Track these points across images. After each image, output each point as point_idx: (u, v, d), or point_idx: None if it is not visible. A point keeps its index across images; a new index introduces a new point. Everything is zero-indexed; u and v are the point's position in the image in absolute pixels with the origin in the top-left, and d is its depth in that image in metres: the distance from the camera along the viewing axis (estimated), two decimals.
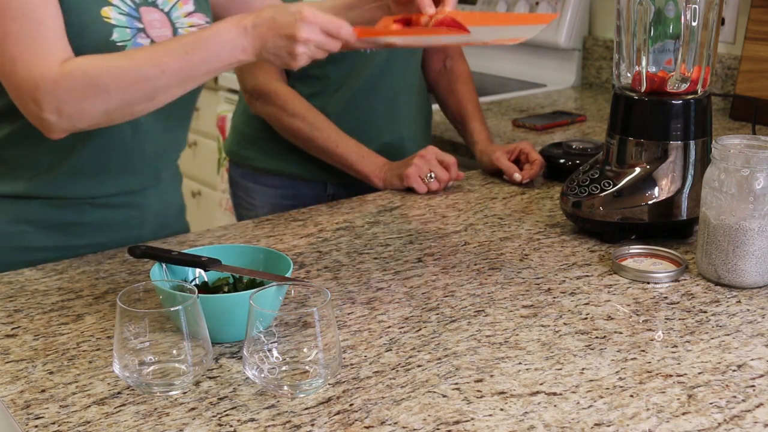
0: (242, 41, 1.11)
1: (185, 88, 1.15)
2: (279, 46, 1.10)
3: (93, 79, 1.10)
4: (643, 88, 1.31)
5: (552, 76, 2.61)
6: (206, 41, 1.11)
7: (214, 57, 1.11)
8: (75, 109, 1.11)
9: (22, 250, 1.30)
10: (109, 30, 1.19)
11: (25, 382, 0.96)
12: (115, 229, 1.34)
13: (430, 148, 1.60)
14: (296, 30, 1.09)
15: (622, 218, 1.30)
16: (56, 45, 1.13)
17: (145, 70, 1.11)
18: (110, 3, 1.21)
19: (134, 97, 1.12)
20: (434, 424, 0.87)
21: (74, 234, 1.32)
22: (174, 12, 1.29)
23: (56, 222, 1.30)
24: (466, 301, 1.15)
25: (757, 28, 2.11)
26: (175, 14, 1.29)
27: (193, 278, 1.10)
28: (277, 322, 0.91)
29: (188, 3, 1.31)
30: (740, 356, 0.99)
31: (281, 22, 1.09)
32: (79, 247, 1.32)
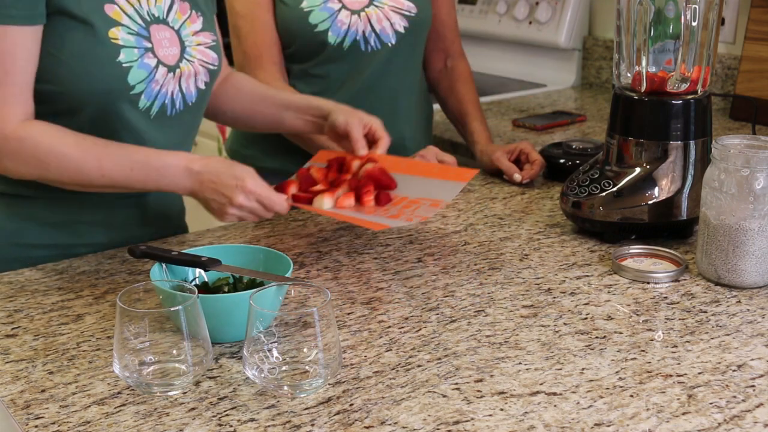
0: (184, 181, 1.19)
1: (119, 191, 1.24)
2: (213, 199, 1.19)
3: (39, 155, 1.17)
4: (643, 88, 1.31)
5: (552, 76, 2.61)
6: (152, 167, 1.19)
7: (153, 183, 1.20)
8: (13, 167, 1.19)
9: (22, 247, 1.30)
10: (116, 51, 1.20)
11: (25, 382, 0.96)
12: (114, 229, 1.35)
13: (430, 148, 1.60)
14: (233, 195, 1.18)
15: (622, 218, 1.30)
16: (17, 99, 1.17)
17: (88, 167, 1.18)
18: (120, 23, 1.22)
19: (69, 182, 1.20)
20: (434, 424, 0.87)
21: (74, 233, 1.32)
22: (183, 30, 1.30)
23: (57, 220, 1.31)
24: (466, 301, 1.15)
25: (757, 28, 2.11)
26: (184, 32, 1.30)
27: (193, 278, 1.10)
28: (277, 322, 0.91)
29: (196, 22, 1.33)
30: (740, 356, 0.99)
31: (223, 182, 1.18)
32: (79, 246, 1.32)
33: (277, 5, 1.64)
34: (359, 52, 1.66)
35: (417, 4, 1.70)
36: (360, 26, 1.64)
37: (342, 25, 1.63)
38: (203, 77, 1.33)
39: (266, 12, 1.64)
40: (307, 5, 1.62)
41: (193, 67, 1.30)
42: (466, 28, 2.59)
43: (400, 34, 1.69)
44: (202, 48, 1.32)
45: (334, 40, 1.63)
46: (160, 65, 1.25)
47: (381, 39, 1.67)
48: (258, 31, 1.65)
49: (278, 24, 1.65)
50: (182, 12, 1.30)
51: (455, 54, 1.86)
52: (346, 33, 1.64)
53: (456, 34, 1.86)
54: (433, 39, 1.81)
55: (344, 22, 1.63)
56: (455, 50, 1.85)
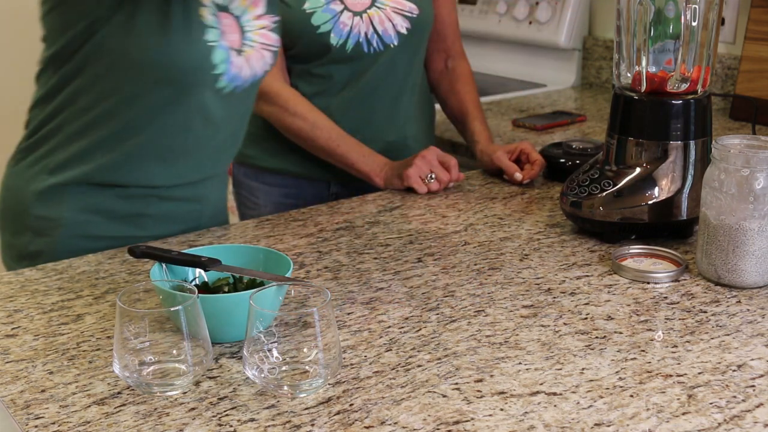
0: None
1: None
2: None
3: None
4: (643, 88, 1.31)
5: (552, 76, 2.61)
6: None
7: None
8: None
9: (88, 238, 1.33)
10: (202, 30, 1.24)
11: (25, 382, 0.96)
12: (176, 222, 1.38)
13: (431, 149, 1.60)
14: None
15: (622, 218, 1.30)
16: None
17: None
18: (204, 5, 1.25)
19: None
20: (434, 424, 0.87)
21: (139, 225, 1.35)
22: (244, 16, 1.32)
23: (124, 213, 1.33)
24: (466, 301, 1.15)
25: (757, 28, 2.11)
26: (245, 17, 1.32)
27: (193, 278, 1.10)
28: (277, 322, 0.91)
29: (258, 6, 1.34)
30: (740, 356, 0.99)
31: None
32: (140, 238, 1.35)
33: (279, 6, 1.64)
34: (362, 54, 1.66)
35: (419, 5, 1.70)
36: (362, 28, 1.64)
37: (344, 26, 1.63)
38: (269, 60, 1.35)
39: None
40: (310, 7, 1.62)
41: (255, 51, 1.32)
42: (466, 28, 2.59)
43: (403, 36, 1.69)
44: (264, 31, 1.34)
45: (337, 42, 1.63)
46: (232, 49, 1.28)
47: (383, 40, 1.67)
48: None
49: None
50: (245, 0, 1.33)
51: (456, 54, 1.86)
52: (349, 34, 1.64)
53: (457, 34, 1.86)
54: (434, 39, 1.81)
55: (346, 23, 1.63)
56: (456, 50, 1.86)
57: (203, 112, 1.29)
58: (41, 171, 1.31)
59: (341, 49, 1.64)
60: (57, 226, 1.32)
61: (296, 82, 1.70)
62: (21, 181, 1.34)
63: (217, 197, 1.46)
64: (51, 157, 1.31)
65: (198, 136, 1.32)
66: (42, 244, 1.33)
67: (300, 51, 1.66)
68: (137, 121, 1.27)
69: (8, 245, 1.39)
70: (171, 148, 1.31)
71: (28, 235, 1.34)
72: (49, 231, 1.32)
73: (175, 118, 1.27)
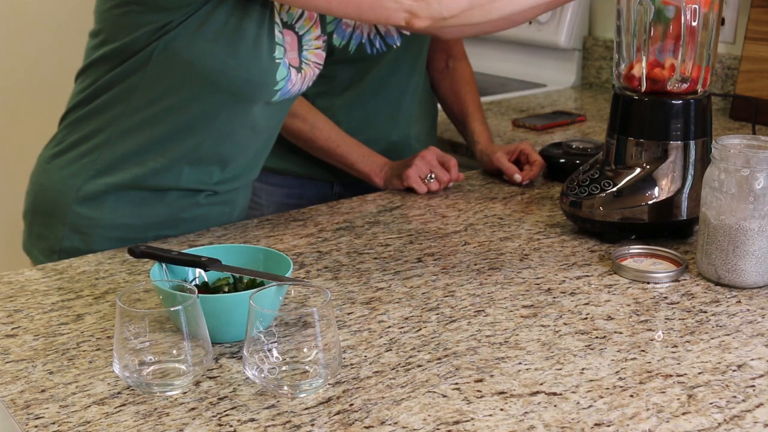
0: None
1: None
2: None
3: None
4: (643, 88, 1.31)
5: (552, 76, 2.61)
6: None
7: None
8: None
9: (122, 241, 1.33)
10: (274, 46, 1.25)
11: (25, 382, 0.96)
12: (208, 223, 1.40)
13: (431, 149, 1.61)
14: None
15: (622, 218, 1.30)
16: None
17: None
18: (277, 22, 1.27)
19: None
20: (434, 424, 0.87)
21: (173, 229, 1.36)
22: (307, 35, 1.34)
23: (161, 218, 1.35)
24: (466, 301, 1.15)
25: (757, 28, 2.11)
26: (307, 37, 1.34)
27: (193, 278, 1.10)
28: (277, 322, 0.91)
29: (318, 26, 1.37)
30: (740, 356, 0.99)
31: None
32: None
33: None
34: (365, 55, 1.66)
35: None
36: (365, 29, 1.65)
37: (347, 27, 1.63)
38: (315, 76, 1.38)
39: None
40: None
41: (310, 69, 1.36)
42: None
43: (405, 36, 1.69)
44: (318, 51, 1.37)
45: (339, 43, 1.63)
46: (291, 67, 1.30)
47: (386, 41, 1.67)
48: None
49: None
50: (310, 18, 1.34)
51: (457, 54, 1.86)
52: (351, 36, 1.64)
53: None
54: (435, 39, 1.81)
55: (349, 24, 1.63)
56: (457, 51, 1.86)
57: (251, 122, 1.31)
58: (87, 168, 1.30)
59: (344, 49, 1.64)
60: (96, 226, 1.32)
61: None
62: (62, 177, 1.32)
63: (245, 201, 1.48)
64: (98, 154, 1.30)
65: (242, 144, 1.33)
66: (78, 241, 1.33)
67: None
68: (190, 124, 1.27)
69: (38, 237, 1.38)
70: (218, 153, 1.32)
71: (65, 230, 1.33)
72: (87, 229, 1.33)
73: (226, 125, 1.28)
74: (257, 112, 1.31)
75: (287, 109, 1.42)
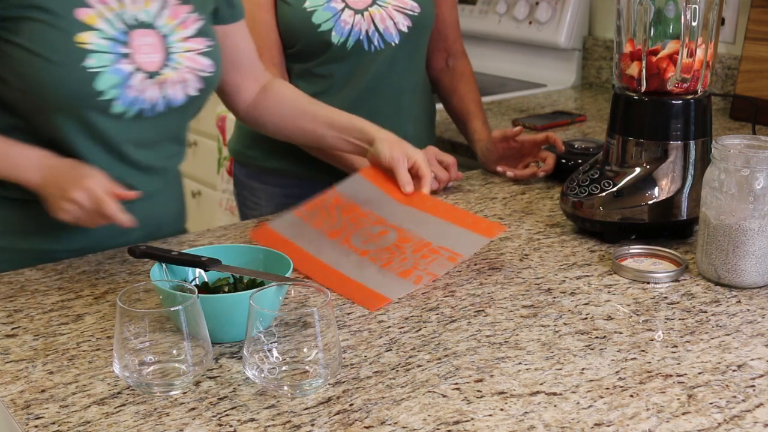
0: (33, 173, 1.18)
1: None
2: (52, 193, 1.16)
3: None
4: (643, 88, 1.31)
5: (552, 76, 2.61)
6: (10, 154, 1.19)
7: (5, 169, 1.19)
8: None
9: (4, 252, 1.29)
10: (81, 55, 1.18)
11: (25, 382, 0.96)
12: (95, 234, 1.30)
13: (430, 148, 1.60)
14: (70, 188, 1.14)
15: (622, 218, 1.30)
16: None
17: None
18: (93, 28, 1.19)
19: None
20: (434, 424, 0.87)
21: (54, 238, 1.30)
22: (171, 36, 1.27)
23: (37, 227, 1.28)
24: (466, 301, 1.15)
25: (757, 28, 2.11)
26: (173, 38, 1.27)
27: (193, 278, 1.10)
28: (277, 322, 0.91)
29: (188, 28, 1.29)
30: (740, 356, 0.99)
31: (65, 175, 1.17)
32: (57, 252, 1.30)
33: (279, 5, 1.64)
34: (363, 52, 1.66)
35: (420, 3, 1.70)
36: (363, 26, 1.64)
37: (345, 24, 1.63)
38: (194, 84, 1.29)
39: (267, 13, 1.64)
40: (310, 5, 1.62)
41: (179, 74, 1.27)
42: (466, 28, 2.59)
43: (404, 34, 1.69)
44: (191, 55, 1.28)
45: (338, 40, 1.63)
46: (138, 71, 1.22)
47: (384, 38, 1.67)
48: (258, 32, 1.65)
49: (281, 24, 1.65)
50: (173, 16, 1.27)
51: (457, 53, 1.86)
52: (350, 32, 1.64)
53: (458, 33, 1.86)
54: (434, 38, 1.81)
55: (347, 21, 1.63)
56: (457, 49, 1.86)
57: (103, 138, 1.23)
58: None
59: (342, 47, 1.64)
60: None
61: (297, 83, 1.69)
62: None
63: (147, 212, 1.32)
64: None
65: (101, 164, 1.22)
66: None
67: (300, 50, 1.66)
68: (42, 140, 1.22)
69: None
70: None
71: None
72: None
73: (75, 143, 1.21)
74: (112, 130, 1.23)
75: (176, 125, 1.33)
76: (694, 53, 1.27)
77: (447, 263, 1.20)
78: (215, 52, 1.33)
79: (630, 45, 1.30)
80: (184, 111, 1.32)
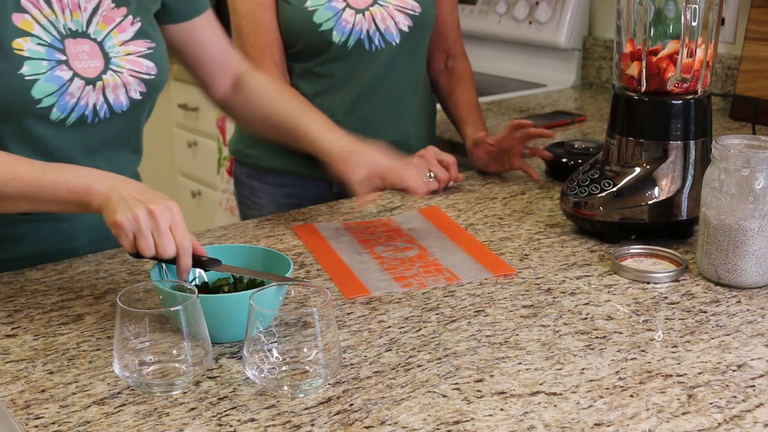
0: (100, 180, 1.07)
1: (31, 206, 1.10)
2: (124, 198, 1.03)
3: None
4: (643, 88, 1.31)
5: (552, 76, 2.61)
6: (71, 168, 1.10)
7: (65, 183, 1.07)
8: None
9: None
10: (19, 63, 1.15)
11: (25, 382, 0.96)
12: (40, 242, 1.28)
13: (430, 148, 1.60)
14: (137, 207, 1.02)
15: (622, 218, 1.30)
16: None
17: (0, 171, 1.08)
18: (29, 33, 1.17)
19: None
20: (434, 424, 0.87)
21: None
22: (108, 41, 1.24)
23: None
24: (466, 301, 1.15)
25: (757, 28, 2.11)
26: (109, 43, 1.24)
27: (193, 278, 1.10)
28: (277, 322, 0.91)
29: (125, 31, 1.26)
30: (740, 356, 0.99)
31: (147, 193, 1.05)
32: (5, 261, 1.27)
33: (281, 5, 1.64)
34: (363, 51, 1.66)
35: (421, 3, 1.70)
36: (364, 25, 1.65)
37: (346, 24, 1.63)
38: (136, 87, 1.26)
39: (268, 12, 1.64)
40: (312, 4, 1.62)
41: (121, 78, 1.24)
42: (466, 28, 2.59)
43: (405, 34, 1.69)
44: (132, 57, 1.25)
45: (339, 39, 1.63)
46: (76, 77, 1.19)
47: (385, 38, 1.67)
48: (259, 32, 1.65)
49: (282, 23, 1.65)
50: (106, 23, 1.24)
51: (457, 54, 1.86)
52: (351, 32, 1.64)
53: (458, 34, 1.86)
54: (435, 39, 1.81)
55: (348, 21, 1.63)
56: (457, 50, 1.86)
57: (42, 145, 1.20)
58: None
59: (342, 46, 1.64)
60: None
61: (297, 82, 1.70)
62: None
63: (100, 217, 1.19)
64: None
65: None
66: None
67: (301, 49, 1.66)
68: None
69: None
70: None
71: None
72: None
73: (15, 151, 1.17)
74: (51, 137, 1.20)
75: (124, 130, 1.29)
76: (694, 53, 1.27)
77: (442, 281, 1.20)
78: (158, 54, 1.29)
79: (630, 45, 1.30)
80: (130, 116, 1.28)
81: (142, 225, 1.01)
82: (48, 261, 1.28)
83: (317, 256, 1.29)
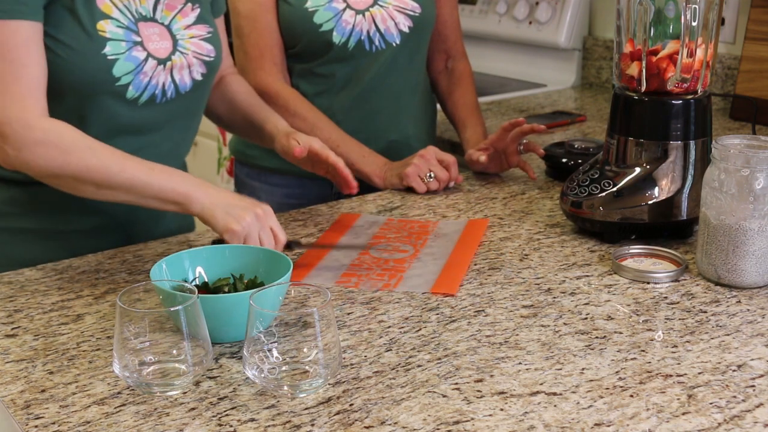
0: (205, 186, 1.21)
1: (129, 198, 1.20)
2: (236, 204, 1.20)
3: (64, 145, 1.17)
4: (643, 88, 1.31)
5: (552, 76, 2.61)
6: (173, 172, 1.21)
7: (173, 183, 1.19)
8: (33, 158, 1.17)
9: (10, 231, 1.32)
10: (102, 43, 1.23)
11: (25, 382, 0.96)
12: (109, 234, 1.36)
13: (430, 148, 1.60)
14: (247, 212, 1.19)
15: (622, 218, 1.30)
16: (37, 92, 1.18)
17: (110, 162, 1.18)
18: (109, 16, 1.24)
19: (86, 177, 1.18)
20: (434, 424, 0.87)
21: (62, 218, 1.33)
22: (174, 24, 1.32)
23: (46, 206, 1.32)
24: (466, 301, 1.15)
25: (757, 28, 2.11)
26: (175, 26, 1.32)
27: (193, 278, 1.10)
28: (277, 322, 0.91)
29: (188, 16, 1.34)
30: (740, 356, 0.99)
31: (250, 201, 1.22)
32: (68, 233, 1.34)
33: (281, 5, 1.64)
34: (364, 52, 1.66)
35: (421, 3, 1.70)
36: (364, 26, 1.65)
37: (347, 24, 1.63)
38: (198, 68, 1.34)
39: (268, 12, 1.65)
40: (312, 5, 1.62)
41: (187, 59, 1.32)
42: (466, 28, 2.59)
43: (405, 34, 1.69)
44: (195, 40, 1.34)
45: (339, 40, 1.63)
46: (150, 58, 1.27)
47: (385, 39, 1.67)
48: (260, 32, 1.65)
49: (282, 24, 1.65)
50: (169, 9, 1.32)
51: (457, 55, 1.86)
52: (351, 33, 1.64)
53: (458, 34, 1.86)
54: (435, 39, 1.81)
55: (349, 21, 1.63)
56: (457, 51, 1.85)
57: (113, 121, 1.27)
58: None
59: (343, 47, 1.64)
60: None
61: (297, 82, 1.70)
62: None
63: None
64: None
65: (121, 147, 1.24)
66: None
67: (301, 50, 1.66)
68: None
69: None
70: None
71: None
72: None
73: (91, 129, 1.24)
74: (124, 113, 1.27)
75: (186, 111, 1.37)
76: (694, 53, 1.27)
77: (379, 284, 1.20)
78: (215, 38, 1.38)
79: (630, 45, 1.30)
80: (192, 96, 1.36)
81: (251, 229, 1.18)
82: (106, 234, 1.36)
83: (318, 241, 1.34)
